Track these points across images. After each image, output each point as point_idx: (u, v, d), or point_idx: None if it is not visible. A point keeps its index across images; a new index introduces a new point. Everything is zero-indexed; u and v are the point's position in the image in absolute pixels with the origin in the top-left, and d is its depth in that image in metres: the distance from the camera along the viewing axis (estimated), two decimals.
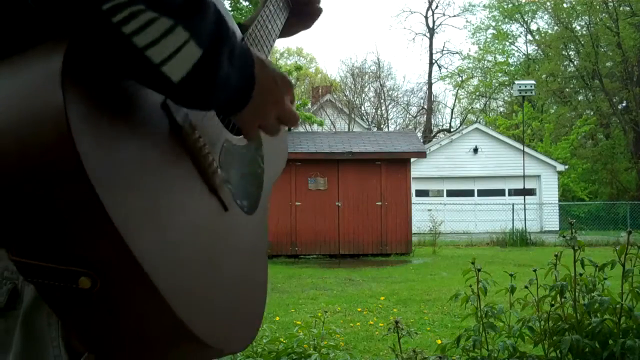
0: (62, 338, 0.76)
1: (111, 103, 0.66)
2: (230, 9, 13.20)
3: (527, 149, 23.67)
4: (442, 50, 45.97)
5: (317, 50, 60.64)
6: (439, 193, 25.47)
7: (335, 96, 30.94)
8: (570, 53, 35.35)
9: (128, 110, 0.68)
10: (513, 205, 21.95)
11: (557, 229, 21.37)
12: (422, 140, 24.26)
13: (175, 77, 0.67)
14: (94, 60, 0.65)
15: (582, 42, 33.33)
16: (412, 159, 15.10)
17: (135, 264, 0.62)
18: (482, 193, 25.31)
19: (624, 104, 33.43)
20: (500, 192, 25.24)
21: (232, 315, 0.81)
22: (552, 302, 3.09)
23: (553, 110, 35.95)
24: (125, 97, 0.68)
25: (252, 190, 0.96)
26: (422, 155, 15.47)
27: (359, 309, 6.69)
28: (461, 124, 38.72)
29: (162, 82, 0.67)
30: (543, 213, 24.26)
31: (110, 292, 0.63)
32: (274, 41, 1.12)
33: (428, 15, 41.61)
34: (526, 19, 37.86)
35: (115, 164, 0.63)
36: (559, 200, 25.93)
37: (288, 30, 1.26)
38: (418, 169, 22.01)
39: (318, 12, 1.28)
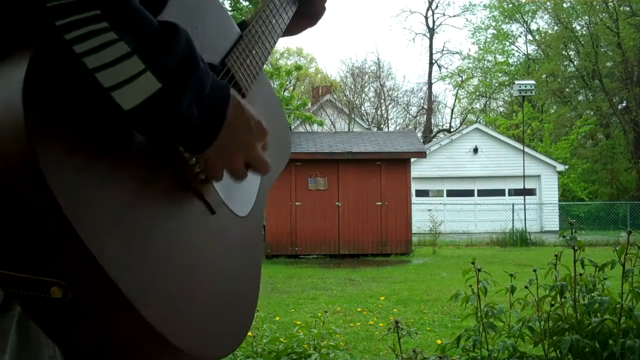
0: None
1: (78, 110, 0.65)
2: (230, 9, 13.19)
3: (527, 149, 23.67)
4: (442, 50, 45.96)
5: (317, 50, 60.66)
6: (439, 193, 25.47)
7: (335, 96, 30.93)
8: (570, 53, 35.34)
9: (97, 120, 0.67)
10: (513, 205, 21.95)
11: (557, 229, 21.35)
12: (422, 140, 24.26)
13: (125, 106, 0.65)
14: (59, 71, 0.64)
15: (582, 42, 33.33)
16: (412, 159, 15.10)
17: (103, 274, 0.62)
18: (482, 193, 25.30)
19: (624, 104, 33.42)
20: (500, 192, 25.24)
21: (213, 321, 0.79)
22: (552, 302, 3.09)
23: (553, 110, 35.95)
24: (94, 107, 0.67)
25: (245, 193, 0.94)
26: (422, 155, 15.47)
27: (359, 309, 6.69)
28: (461, 124, 38.73)
29: (112, 106, 0.65)
30: (543, 213, 24.26)
31: (82, 301, 0.63)
32: (278, 36, 1.09)
33: (428, 15, 41.65)
34: (526, 19, 37.86)
35: (79, 173, 0.63)
36: (559, 200, 25.93)
37: (294, 28, 1.23)
38: (418, 169, 22.01)
39: (322, 10, 1.26)
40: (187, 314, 0.73)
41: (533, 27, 38.29)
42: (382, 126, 35.67)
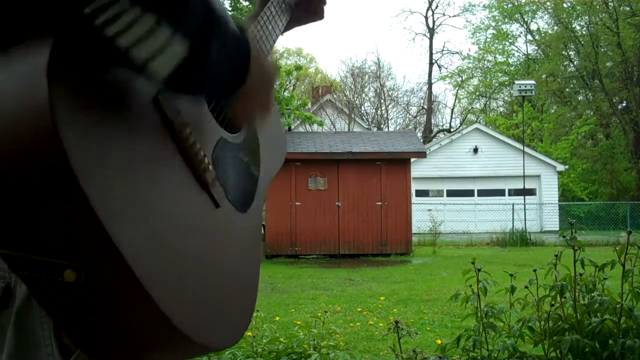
0: (54, 336, 0.77)
1: (98, 96, 0.66)
2: (230, 9, 13.19)
3: (527, 149, 23.67)
4: (442, 50, 46.00)
5: (317, 50, 60.69)
6: (439, 193, 25.47)
7: (335, 96, 30.93)
8: (570, 53, 35.35)
9: (116, 104, 0.68)
10: (513, 205, 21.95)
11: (557, 229, 21.36)
12: (422, 140, 24.26)
13: (162, 75, 0.66)
14: (80, 54, 0.65)
15: (582, 42, 33.33)
16: (412, 159, 15.10)
17: (119, 257, 0.62)
18: (482, 193, 25.30)
19: (624, 104, 33.43)
20: (500, 192, 25.24)
21: (218, 311, 0.80)
22: (552, 302, 3.09)
23: (553, 110, 35.95)
24: (114, 91, 0.68)
25: (247, 188, 0.96)
26: (422, 155, 15.47)
27: (359, 309, 6.69)
28: (461, 124, 38.73)
29: (149, 78, 0.67)
30: (543, 213, 24.26)
31: (95, 285, 0.63)
32: (274, 42, 1.12)
33: (428, 15, 41.67)
34: (526, 19, 37.87)
35: (100, 156, 0.63)
36: (559, 200, 25.93)
37: (295, 23, 1.25)
38: (418, 169, 22.00)
39: (321, 14, 1.27)
40: (195, 302, 0.74)
41: (533, 27, 38.34)
42: (382, 126, 35.67)
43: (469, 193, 25.50)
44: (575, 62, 34.93)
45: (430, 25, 41.27)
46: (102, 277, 0.63)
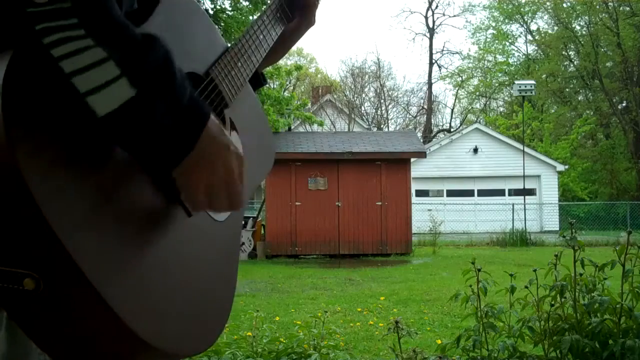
0: None
1: (56, 109, 0.66)
2: (230, 9, 13.18)
3: (527, 149, 23.67)
4: (442, 50, 46.00)
5: (317, 50, 60.74)
6: (439, 193, 25.46)
7: (335, 96, 30.94)
8: (570, 53, 35.34)
9: (75, 119, 0.68)
10: (513, 205, 21.94)
11: (557, 229, 21.35)
12: (422, 140, 24.26)
13: (100, 112, 0.65)
14: (39, 73, 0.65)
15: (582, 42, 33.33)
16: (412, 159, 15.10)
17: (73, 266, 0.63)
18: (482, 193, 25.30)
19: (624, 104, 33.42)
20: (500, 192, 25.24)
21: (186, 320, 0.80)
22: (552, 302, 3.09)
23: (553, 110, 35.95)
24: (73, 106, 0.68)
25: None
26: (422, 155, 15.47)
27: (359, 309, 6.69)
28: (461, 124, 38.73)
29: (87, 112, 0.65)
30: (543, 213, 24.26)
31: (54, 293, 0.64)
32: (265, 51, 1.11)
33: (428, 15, 41.65)
34: (526, 19, 37.87)
35: (54, 167, 0.64)
36: (559, 200, 25.93)
37: (292, 35, 1.24)
38: (418, 169, 22.00)
39: (312, 21, 1.26)
40: (157, 309, 0.74)
41: (533, 27, 38.34)
42: (382, 126, 35.67)
43: (469, 193, 25.50)
44: (575, 62, 34.93)
45: (430, 25, 41.29)
46: (59, 286, 0.64)
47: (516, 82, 24.23)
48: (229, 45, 1.04)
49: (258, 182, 1.10)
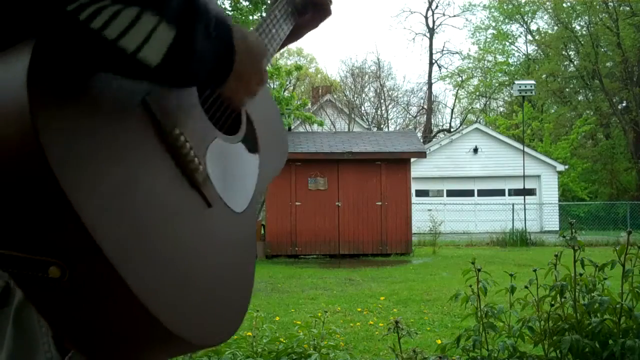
0: (52, 336, 0.77)
1: (82, 101, 0.67)
2: (230, 9, 13.19)
3: (527, 149, 23.67)
4: (442, 50, 46.03)
5: (317, 50, 60.69)
6: (439, 193, 25.47)
7: (335, 96, 30.92)
8: (570, 53, 35.35)
9: (101, 107, 0.69)
10: (513, 205, 21.94)
11: (557, 229, 21.35)
12: (422, 140, 24.26)
13: (153, 62, 0.67)
14: (64, 58, 0.66)
15: (582, 42, 33.33)
16: (412, 159, 15.10)
17: (101, 255, 0.63)
18: (482, 193, 25.30)
19: (624, 104, 33.43)
20: (500, 192, 25.24)
21: (207, 310, 0.81)
22: (552, 302, 3.09)
23: (553, 110, 35.95)
24: (98, 94, 0.69)
25: (242, 189, 0.96)
26: (422, 155, 15.47)
27: (359, 309, 6.69)
28: (461, 124, 38.73)
29: (141, 69, 0.68)
30: (543, 213, 24.26)
31: (79, 281, 0.64)
32: (277, 45, 1.13)
33: (428, 15, 41.66)
34: (526, 19, 37.87)
35: (82, 158, 0.65)
36: (559, 200, 25.93)
37: (297, 32, 1.26)
38: (418, 169, 22.01)
39: (328, 12, 1.28)
40: (182, 300, 0.75)
41: (533, 27, 38.34)
42: (382, 126, 35.67)
43: (469, 193, 25.50)
44: (575, 62, 34.93)
45: (430, 25, 41.29)
46: (85, 274, 0.64)
47: (516, 82, 24.23)
48: None
49: (272, 177, 1.11)
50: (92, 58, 0.66)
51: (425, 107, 39.49)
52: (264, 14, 1.21)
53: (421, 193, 24.36)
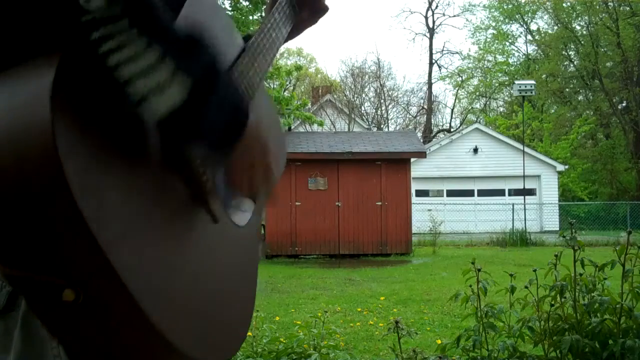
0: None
1: (101, 120, 0.67)
2: (230, 9, 13.18)
3: (527, 149, 23.66)
4: (442, 50, 46.01)
5: (317, 50, 60.66)
6: (439, 193, 25.46)
7: (335, 96, 30.92)
8: (570, 53, 35.34)
9: (119, 127, 0.69)
10: (513, 205, 21.93)
11: (557, 229, 21.32)
12: (422, 140, 24.26)
13: (159, 113, 0.67)
14: (85, 77, 0.65)
15: (582, 42, 33.33)
16: (412, 159, 15.10)
17: (117, 280, 0.63)
18: (482, 193, 25.30)
19: (624, 104, 33.42)
20: (500, 192, 25.23)
21: (215, 327, 0.81)
22: (552, 302, 3.09)
23: (553, 111, 35.95)
24: (117, 114, 0.69)
25: (244, 201, 0.96)
26: (422, 155, 15.47)
27: (359, 309, 6.69)
28: (461, 124, 38.72)
29: (146, 114, 0.67)
30: (543, 213, 24.26)
31: (93, 305, 0.64)
32: (277, 49, 1.13)
33: (428, 15, 41.64)
34: (526, 19, 37.86)
35: (100, 180, 0.64)
36: (559, 200, 25.93)
37: (296, 30, 1.26)
38: (418, 169, 22.00)
39: (325, 9, 1.28)
40: (193, 320, 0.75)
41: (533, 27, 38.32)
42: (382, 126, 35.66)
43: (469, 193, 25.49)
44: (575, 62, 34.92)
45: (430, 25, 41.28)
46: (100, 297, 0.64)
47: (516, 82, 24.23)
48: (245, 44, 1.05)
49: (277, 179, 1.11)
50: (107, 87, 0.66)
51: (425, 107, 39.49)
52: (263, 14, 1.21)
53: (421, 193, 24.35)
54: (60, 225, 0.61)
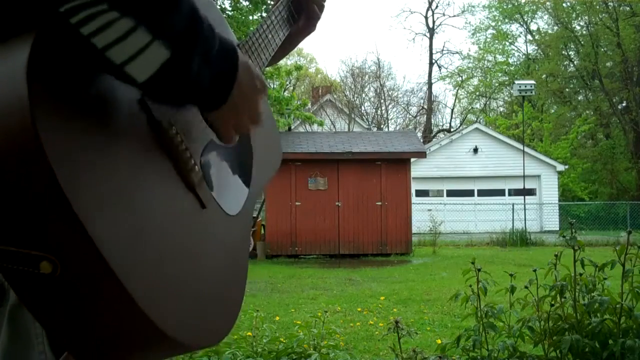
0: (46, 334, 0.77)
1: (81, 95, 0.67)
2: (230, 9, 13.18)
3: (527, 149, 23.67)
4: (442, 50, 46.04)
5: (317, 50, 60.69)
6: (439, 193, 25.47)
7: (335, 96, 30.93)
8: (570, 53, 35.36)
9: (99, 102, 0.69)
10: (513, 205, 21.94)
11: (557, 229, 21.34)
12: (422, 140, 24.26)
13: (140, 78, 0.67)
14: (62, 53, 0.65)
15: (582, 42, 33.34)
16: (412, 159, 15.10)
17: (95, 252, 0.62)
18: (482, 193, 25.30)
19: (624, 104, 33.43)
20: (500, 192, 25.24)
21: (199, 311, 0.80)
22: (552, 302, 3.09)
23: (553, 111, 35.95)
24: (97, 89, 0.69)
25: (237, 191, 0.96)
26: (422, 155, 15.47)
27: (359, 309, 6.70)
28: (461, 124, 38.73)
29: (127, 80, 0.67)
30: (543, 213, 24.26)
31: (71, 277, 0.64)
32: (272, 51, 1.13)
33: (428, 15, 41.65)
34: (526, 19, 37.87)
35: (80, 154, 0.64)
36: (559, 200, 25.93)
37: (292, 39, 1.27)
38: (418, 169, 22.01)
39: (319, 13, 1.29)
40: (175, 300, 0.74)
41: (533, 27, 38.35)
42: (382, 126, 35.66)
43: (469, 193, 25.50)
44: (575, 62, 34.94)
45: (430, 25, 41.29)
46: (77, 269, 0.64)
47: (516, 82, 24.23)
48: (239, 42, 1.05)
49: (266, 181, 1.11)
50: (85, 61, 0.66)
51: (425, 107, 39.49)
52: (264, 14, 1.20)
53: (421, 193, 24.36)
54: (38, 196, 0.61)
